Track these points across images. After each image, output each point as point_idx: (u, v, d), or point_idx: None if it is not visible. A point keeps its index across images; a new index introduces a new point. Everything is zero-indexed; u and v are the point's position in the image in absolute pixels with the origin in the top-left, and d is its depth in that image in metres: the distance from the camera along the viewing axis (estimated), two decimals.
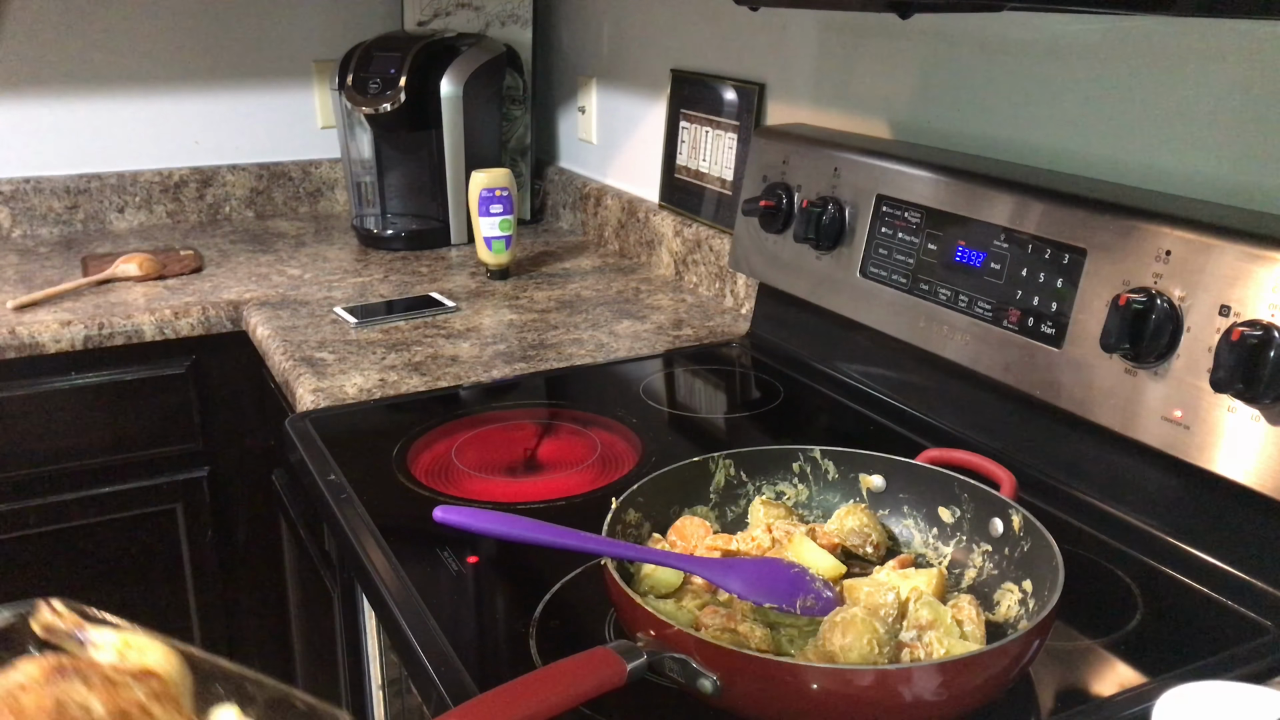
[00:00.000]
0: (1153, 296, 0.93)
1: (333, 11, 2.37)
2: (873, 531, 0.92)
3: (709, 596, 0.83)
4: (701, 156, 1.80)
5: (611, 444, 1.21)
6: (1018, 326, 1.07)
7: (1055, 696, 0.80)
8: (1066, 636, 0.84)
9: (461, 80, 2.04)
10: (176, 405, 1.77)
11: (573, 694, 0.68)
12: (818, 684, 0.69)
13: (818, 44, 1.53)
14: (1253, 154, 0.98)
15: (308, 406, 1.33)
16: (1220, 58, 1.00)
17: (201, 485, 1.82)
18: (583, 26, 2.23)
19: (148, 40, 2.22)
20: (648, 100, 2.00)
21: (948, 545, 0.92)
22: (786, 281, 1.42)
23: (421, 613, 0.87)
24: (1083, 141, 1.14)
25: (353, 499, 1.06)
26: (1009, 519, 0.87)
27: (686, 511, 0.94)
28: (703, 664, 0.70)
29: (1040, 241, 1.06)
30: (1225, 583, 0.90)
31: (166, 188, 2.29)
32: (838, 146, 1.35)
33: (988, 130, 1.26)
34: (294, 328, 1.61)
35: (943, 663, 0.71)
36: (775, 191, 1.40)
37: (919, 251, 1.20)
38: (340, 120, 2.16)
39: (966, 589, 0.87)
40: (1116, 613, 0.88)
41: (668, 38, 1.91)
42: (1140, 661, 0.82)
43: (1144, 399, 0.95)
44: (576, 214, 2.26)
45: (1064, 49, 1.15)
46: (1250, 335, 0.84)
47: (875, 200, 1.27)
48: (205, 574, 1.87)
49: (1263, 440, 0.86)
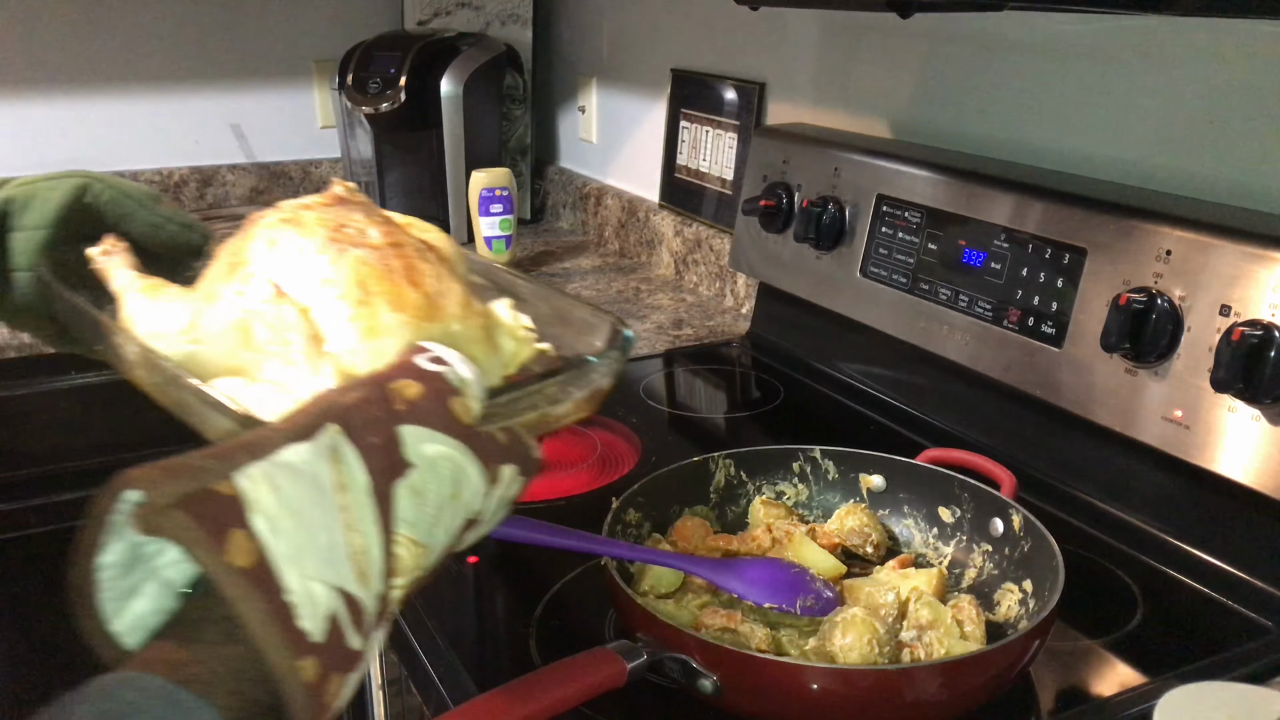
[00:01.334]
0: (1153, 296, 0.92)
1: (333, 11, 2.36)
2: (873, 531, 0.92)
3: (709, 597, 0.82)
4: (702, 156, 1.80)
5: (611, 444, 1.20)
6: (1018, 326, 1.07)
7: (1055, 697, 0.80)
8: (1067, 637, 0.84)
9: (461, 80, 2.04)
10: None
11: (573, 694, 0.68)
12: (818, 684, 0.69)
13: (818, 43, 1.53)
14: (1253, 154, 0.98)
15: None
16: (1220, 58, 1.00)
17: None
18: (583, 26, 2.23)
19: (147, 39, 2.22)
20: (648, 100, 2.00)
21: (948, 545, 0.92)
22: (787, 281, 1.42)
23: (421, 613, 0.87)
24: (1083, 141, 1.14)
25: None
26: (1009, 519, 0.87)
27: (686, 511, 0.94)
28: (703, 664, 0.70)
29: (1041, 241, 1.06)
30: (1226, 583, 0.90)
31: (166, 187, 2.29)
32: (838, 146, 1.35)
33: (988, 130, 1.26)
34: None
35: (943, 663, 0.71)
36: (775, 191, 1.40)
37: (919, 251, 1.20)
38: (340, 120, 2.16)
39: (967, 589, 0.87)
40: (1117, 613, 0.88)
41: (668, 37, 1.91)
42: (1141, 662, 0.82)
43: (1144, 399, 0.94)
44: (576, 214, 2.26)
45: (1064, 49, 1.15)
46: (1251, 335, 0.84)
47: (875, 200, 1.27)
48: None
49: (1263, 440, 0.86)
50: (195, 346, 0.62)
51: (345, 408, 0.50)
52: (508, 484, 0.56)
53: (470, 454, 0.53)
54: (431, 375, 0.54)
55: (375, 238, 0.62)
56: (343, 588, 0.46)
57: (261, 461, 0.46)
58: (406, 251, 0.62)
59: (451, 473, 0.53)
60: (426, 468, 0.51)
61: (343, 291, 0.59)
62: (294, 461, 0.47)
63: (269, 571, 0.44)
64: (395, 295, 0.59)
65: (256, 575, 0.43)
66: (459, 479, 0.53)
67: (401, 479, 0.50)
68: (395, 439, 0.51)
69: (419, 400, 0.53)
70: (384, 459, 0.50)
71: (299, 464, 0.47)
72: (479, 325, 0.63)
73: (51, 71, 2.15)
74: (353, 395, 0.51)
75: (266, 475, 0.45)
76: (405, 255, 0.61)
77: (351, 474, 0.49)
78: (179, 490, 0.43)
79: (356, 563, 0.47)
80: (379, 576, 0.49)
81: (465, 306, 0.63)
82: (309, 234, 0.61)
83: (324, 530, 0.46)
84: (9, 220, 0.74)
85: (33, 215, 0.74)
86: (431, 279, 0.61)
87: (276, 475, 0.46)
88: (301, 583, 0.44)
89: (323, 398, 0.51)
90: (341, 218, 0.63)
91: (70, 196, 0.75)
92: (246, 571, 0.43)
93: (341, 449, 0.49)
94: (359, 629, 0.46)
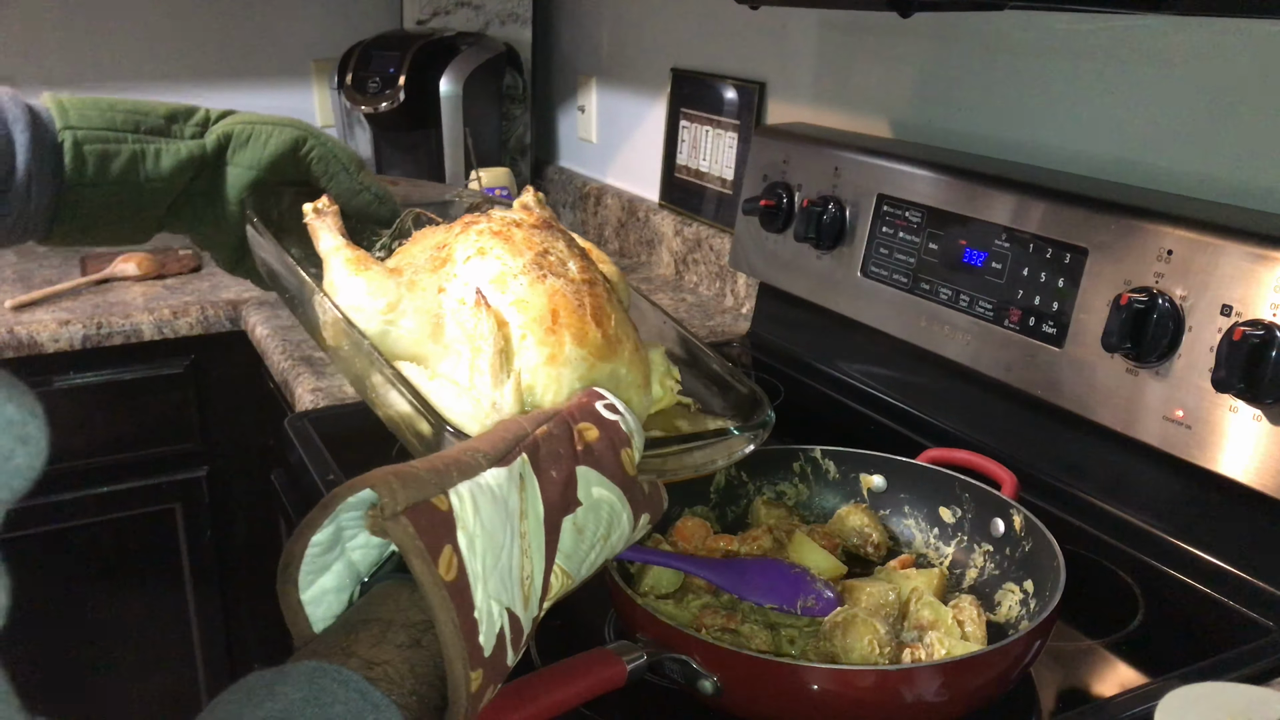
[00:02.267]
0: (1154, 296, 0.92)
1: (332, 10, 2.36)
2: (873, 531, 0.92)
3: (709, 597, 0.82)
4: (702, 156, 1.80)
5: None
6: (1019, 326, 1.07)
7: (1056, 697, 0.79)
8: (1068, 637, 0.84)
9: (461, 79, 2.04)
10: (175, 405, 1.77)
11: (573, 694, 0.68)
12: (818, 685, 0.69)
13: (818, 43, 1.53)
14: (1253, 153, 0.98)
15: (307, 406, 1.33)
16: (1221, 57, 1.00)
17: (200, 485, 1.82)
18: (583, 25, 2.22)
19: (146, 39, 2.22)
20: (648, 99, 2.00)
21: (949, 545, 0.92)
22: (787, 281, 1.42)
23: None
24: (1084, 140, 1.14)
25: None
26: (1010, 519, 0.86)
27: (687, 512, 0.94)
28: (703, 665, 0.70)
29: (1041, 241, 1.05)
30: (1227, 583, 0.90)
31: None
32: (838, 146, 1.35)
33: (989, 129, 1.26)
34: (293, 327, 1.61)
35: (944, 663, 0.71)
36: (776, 191, 1.40)
37: (920, 251, 1.20)
38: (339, 119, 2.16)
39: (967, 589, 0.87)
40: (1118, 613, 0.88)
41: (668, 37, 1.91)
42: (1142, 662, 0.82)
43: (1145, 399, 0.94)
44: (576, 213, 2.26)
45: (1064, 48, 1.15)
46: (1252, 335, 0.84)
47: (876, 199, 1.27)
48: (204, 574, 1.87)
49: (1264, 440, 0.86)
50: (389, 327, 0.66)
51: (535, 440, 0.55)
52: (640, 529, 0.61)
53: (626, 502, 0.58)
54: (609, 423, 0.59)
55: (573, 271, 0.66)
56: (511, 608, 0.50)
57: (469, 481, 0.50)
58: (597, 291, 0.67)
59: (609, 516, 0.58)
60: (590, 508, 0.56)
61: (535, 315, 0.63)
62: (492, 485, 0.51)
63: (466, 587, 0.48)
64: (580, 331, 0.63)
65: (456, 589, 0.47)
66: (613, 522, 0.58)
67: (570, 515, 0.55)
68: (573, 477, 0.55)
69: (596, 444, 0.58)
70: (560, 494, 0.55)
71: (495, 488, 0.51)
72: (641, 371, 0.68)
73: (50, 70, 2.15)
74: (542, 429, 0.56)
75: (472, 495, 0.49)
76: (596, 295, 0.66)
77: (533, 503, 0.53)
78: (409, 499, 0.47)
79: (524, 586, 0.52)
80: (537, 601, 0.53)
81: (635, 353, 0.68)
82: (516, 253, 0.65)
83: (506, 553, 0.50)
84: (225, 152, 0.80)
85: (249, 154, 0.80)
86: (613, 323, 0.66)
87: (479, 496, 0.50)
88: (485, 600, 0.48)
89: (516, 425, 0.56)
90: (547, 243, 0.67)
91: (287, 145, 0.80)
92: (449, 585, 0.47)
93: (528, 478, 0.53)
94: (515, 647, 0.51)
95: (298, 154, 0.81)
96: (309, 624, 0.50)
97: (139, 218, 0.79)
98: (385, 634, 0.47)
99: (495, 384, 0.61)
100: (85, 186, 0.75)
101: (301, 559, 0.49)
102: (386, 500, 0.46)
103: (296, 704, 0.42)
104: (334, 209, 0.75)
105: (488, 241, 0.66)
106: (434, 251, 0.68)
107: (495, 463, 0.52)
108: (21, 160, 0.73)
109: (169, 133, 0.78)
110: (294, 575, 0.49)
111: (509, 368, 0.62)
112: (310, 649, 0.47)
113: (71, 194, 0.75)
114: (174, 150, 0.78)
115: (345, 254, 0.70)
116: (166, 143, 0.78)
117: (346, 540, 0.51)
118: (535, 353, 0.62)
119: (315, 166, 0.81)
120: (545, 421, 0.56)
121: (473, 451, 0.52)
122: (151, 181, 0.77)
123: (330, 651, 0.46)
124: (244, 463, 1.84)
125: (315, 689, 0.43)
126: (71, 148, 0.75)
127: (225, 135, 0.80)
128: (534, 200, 0.74)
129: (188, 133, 0.79)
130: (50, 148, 0.74)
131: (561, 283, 0.64)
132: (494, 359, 0.61)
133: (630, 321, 0.70)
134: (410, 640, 0.47)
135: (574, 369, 0.63)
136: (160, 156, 0.77)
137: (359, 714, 0.43)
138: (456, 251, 0.66)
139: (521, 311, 0.63)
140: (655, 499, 0.62)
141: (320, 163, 0.81)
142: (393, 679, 0.45)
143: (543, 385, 0.62)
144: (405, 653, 0.47)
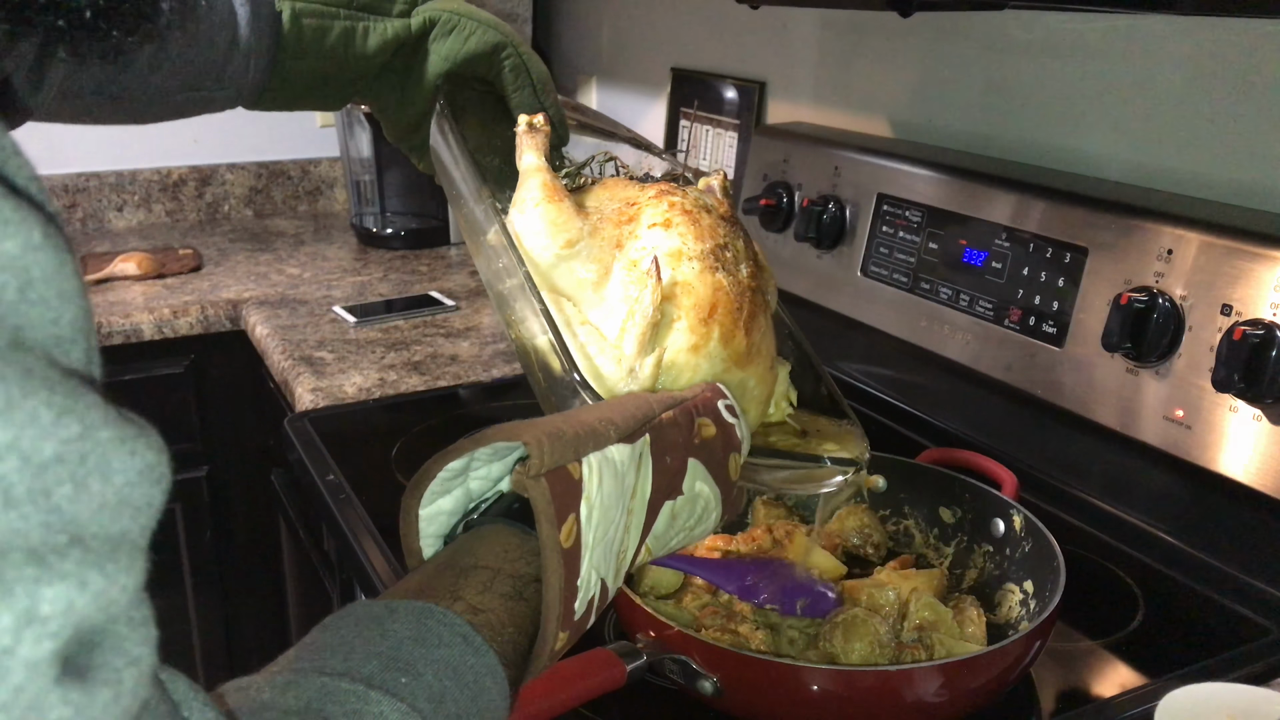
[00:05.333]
0: (1154, 296, 0.92)
1: None
2: (874, 532, 0.91)
3: (709, 597, 0.82)
4: (702, 155, 1.80)
5: None
6: (1019, 326, 1.07)
7: (1056, 698, 0.79)
8: (1068, 637, 0.84)
9: None
10: (175, 405, 1.76)
11: (573, 694, 0.68)
12: (818, 685, 0.69)
13: (818, 42, 1.53)
14: (1253, 153, 0.98)
15: (307, 406, 1.33)
16: (1220, 58, 1.00)
17: (200, 485, 1.82)
18: (583, 25, 2.22)
19: None
20: (648, 99, 2.00)
21: (949, 545, 0.92)
22: (787, 281, 1.42)
23: None
24: (1084, 140, 1.14)
25: (351, 499, 1.06)
26: (1010, 519, 0.86)
27: None
28: (703, 665, 0.70)
29: (1042, 240, 1.05)
30: (1227, 583, 0.90)
31: (165, 186, 2.29)
32: (838, 145, 1.35)
33: (989, 129, 1.26)
34: (293, 327, 1.61)
35: (944, 664, 0.71)
36: (776, 190, 1.40)
37: (920, 250, 1.20)
38: (339, 118, 2.16)
39: (968, 589, 0.87)
40: (1118, 613, 0.88)
41: (668, 36, 1.91)
42: (1142, 662, 0.82)
43: (1145, 398, 0.94)
44: None
45: (1065, 48, 1.15)
46: (1252, 334, 0.84)
47: (876, 199, 1.27)
48: (204, 574, 1.87)
49: (1264, 440, 0.86)
50: (560, 263, 0.67)
51: (660, 424, 0.56)
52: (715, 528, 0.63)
53: (720, 502, 0.60)
54: (728, 425, 0.61)
55: (744, 274, 0.67)
56: (605, 578, 0.52)
57: (599, 453, 0.52)
58: (758, 300, 0.68)
59: (703, 510, 0.59)
60: (689, 499, 0.58)
61: (695, 302, 0.64)
62: (616, 460, 0.53)
63: (577, 555, 0.50)
64: (730, 332, 0.64)
65: (570, 556, 0.49)
66: (704, 518, 0.60)
67: (671, 501, 0.57)
68: (684, 467, 0.57)
69: (711, 442, 0.59)
70: (669, 480, 0.56)
71: (618, 463, 0.53)
72: (768, 389, 0.69)
73: None
74: (668, 414, 0.57)
75: (599, 467, 0.51)
76: (755, 303, 0.67)
77: (643, 484, 0.55)
78: (553, 461, 0.49)
79: (619, 560, 0.54)
80: (623, 575, 0.55)
81: (768, 370, 0.69)
82: (699, 238, 0.66)
83: (614, 527, 0.53)
84: (427, 38, 0.81)
85: (449, 44, 0.80)
86: (760, 334, 0.67)
87: (604, 469, 0.52)
88: (588, 570, 0.51)
89: (645, 404, 0.57)
90: (729, 238, 0.68)
91: (487, 47, 0.81)
92: (565, 551, 0.49)
93: (645, 459, 0.55)
94: (596, 612, 0.53)
95: (495, 57, 0.81)
96: (418, 538, 0.53)
97: (341, 89, 0.81)
98: (492, 582, 0.49)
99: (640, 353, 0.62)
100: (299, 59, 0.77)
101: (433, 479, 0.52)
102: (535, 461, 0.49)
103: (406, 642, 0.45)
104: (546, 129, 0.76)
105: (677, 216, 0.66)
106: (623, 205, 0.69)
107: (623, 438, 0.53)
108: (244, 32, 0.74)
109: (378, 9, 0.79)
110: (421, 493, 0.52)
111: (657, 342, 0.63)
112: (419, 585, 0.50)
113: (283, 66, 0.77)
114: (381, 29, 0.79)
115: (544, 178, 0.71)
116: (375, 20, 0.79)
117: (472, 469, 0.54)
118: (683, 337, 0.63)
119: (507, 75, 0.82)
120: (672, 407, 0.58)
121: (606, 422, 0.54)
122: (358, 57, 0.79)
123: (439, 594, 0.48)
124: (244, 463, 1.84)
125: (423, 629, 0.45)
126: (290, 20, 0.76)
127: (431, 19, 0.81)
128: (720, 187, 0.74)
129: (395, 9, 0.80)
130: (268, 19, 0.75)
131: (729, 280, 0.65)
132: (646, 329, 0.62)
133: (774, 338, 0.71)
134: (514, 591, 0.49)
135: (711, 365, 0.64)
136: (369, 33, 0.78)
137: (461, 657, 0.45)
138: (644, 214, 0.67)
139: (684, 294, 0.64)
140: (738, 505, 0.64)
141: (513, 72, 0.82)
142: (494, 626, 0.48)
143: (679, 370, 0.63)
144: (508, 603, 0.49)
